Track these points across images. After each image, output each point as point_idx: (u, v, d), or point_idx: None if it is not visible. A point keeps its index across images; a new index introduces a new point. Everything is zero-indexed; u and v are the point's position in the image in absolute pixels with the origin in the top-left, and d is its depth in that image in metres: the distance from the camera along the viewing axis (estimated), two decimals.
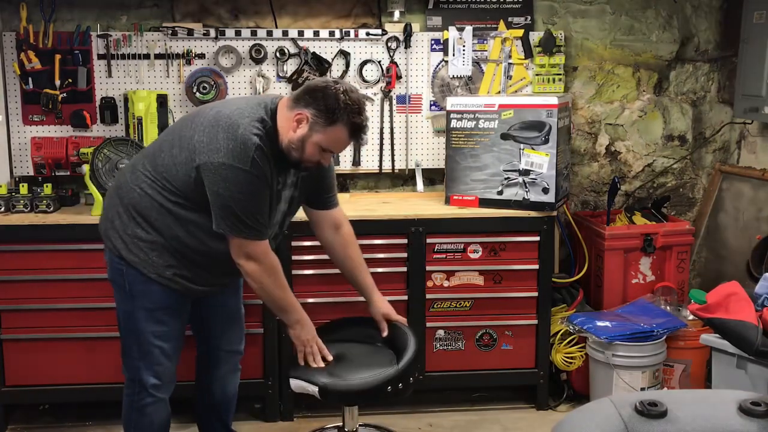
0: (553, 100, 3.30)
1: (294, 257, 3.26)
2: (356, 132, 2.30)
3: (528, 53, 3.81)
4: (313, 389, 2.40)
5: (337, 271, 2.78)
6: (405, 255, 3.36)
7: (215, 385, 2.78)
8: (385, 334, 2.59)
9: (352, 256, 2.67)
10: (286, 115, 2.32)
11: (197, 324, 2.74)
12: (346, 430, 2.64)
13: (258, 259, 2.35)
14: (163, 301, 2.44)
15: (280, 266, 2.45)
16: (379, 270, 3.34)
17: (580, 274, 3.74)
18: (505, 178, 3.40)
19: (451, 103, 3.50)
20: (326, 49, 3.74)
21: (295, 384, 2.46)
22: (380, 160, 3.84)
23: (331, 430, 3.07)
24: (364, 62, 3.77)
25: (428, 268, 3.37)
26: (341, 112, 2.25)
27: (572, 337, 3.48)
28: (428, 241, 3.36)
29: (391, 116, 3.82)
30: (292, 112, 2.31)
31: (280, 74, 3.73)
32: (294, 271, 3.26)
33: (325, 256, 2.79)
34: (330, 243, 2.69)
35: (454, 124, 3.48)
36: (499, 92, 3.79)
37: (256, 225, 2.31)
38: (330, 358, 2.48)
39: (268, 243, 2.40)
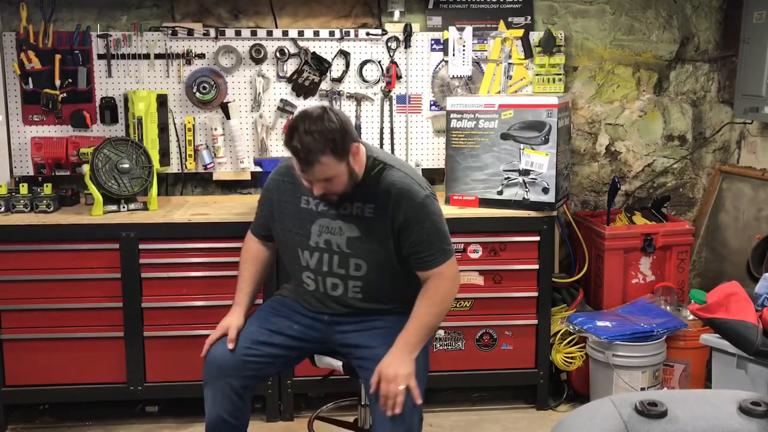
0: (553, 100, 3.30)
1: None
2: (297, 158, 2.18)
3: (528, 53, 3.81)
4: (338, 364, 2.49)
5: None
6: None
7: None
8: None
9: (415, 303, 2.36)
10: None
11: None
12: (362, 403, 2.69)
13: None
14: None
15: (248, 255, 2.63)
16: None
17: (580, 274, 3.74)
18: (505, 178, 3.40)
19: (451, 103, 3.50)
20: (326, 49, 3.74)
21: (322, 361, 2.55)
22: None
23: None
24: (364, 62, 3.77)
25: None
26: (287, 138, 2.21)
27: (572, 337, 3.48)
28: None
29: (391, 116, 3.82)
30: None
31: (280, 74, 3.73)
32: None
33: None
34: None
35: (454, 124, 3.48)
36: (499, 92, 3.79)
37: (255, 219, 2.64)
38: (231, 346, 2.39)
39: (251, 235, 2.65)
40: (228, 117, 3.69)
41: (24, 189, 3.33)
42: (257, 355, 2.40)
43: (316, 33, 3.72)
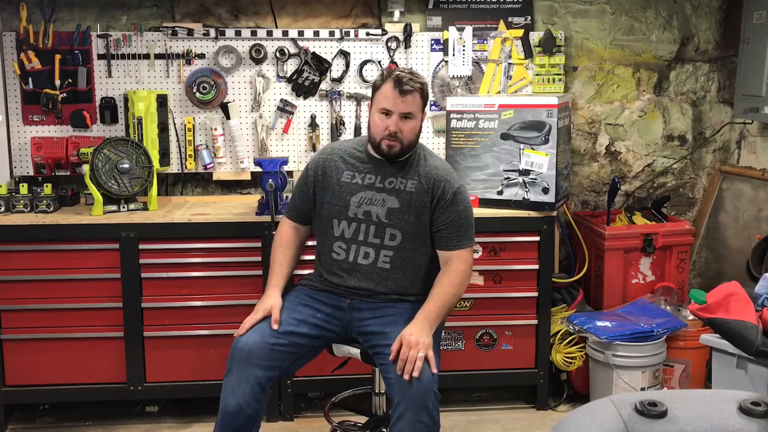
0: (553, 100, 3.30)
1: None
2: (397, 81, 2.48)
3: (528, 53, 3.81)
4: (356, 352, 2.58)
5: None
6: None
7: None
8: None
9: (434, 283, 2.56)
10: None
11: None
12: (375, 391, 2.78)
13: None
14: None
15: (281, 239, 2.73)
16: None
17: (580, 274, 3.74)
18: (505, 178, 3.40)
19: (451, 103, 3.50)
20: (326, 49, 3.74)
21: (340, 350, 2.63)
22: None
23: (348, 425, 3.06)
24: (364, 62, 3.77)
25: None
26: (385, 76, 2.53)
27: (572, 337, 3.47)
28: None
29: None
30: None
31: (280, 74, 3.73)
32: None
33: None
34: None
35: (454, 124, 3.48)
36: (499, 92, 3.79)
37: (289, 203, 2.78)
38: (275, 326, 2.46)
39: (286, 219, 2.76)
40: (228, 117, 3.70)
41: (24, 189, 3.33)
42: (284, 345, 2.46)
43: (316, 33, 3.72)
